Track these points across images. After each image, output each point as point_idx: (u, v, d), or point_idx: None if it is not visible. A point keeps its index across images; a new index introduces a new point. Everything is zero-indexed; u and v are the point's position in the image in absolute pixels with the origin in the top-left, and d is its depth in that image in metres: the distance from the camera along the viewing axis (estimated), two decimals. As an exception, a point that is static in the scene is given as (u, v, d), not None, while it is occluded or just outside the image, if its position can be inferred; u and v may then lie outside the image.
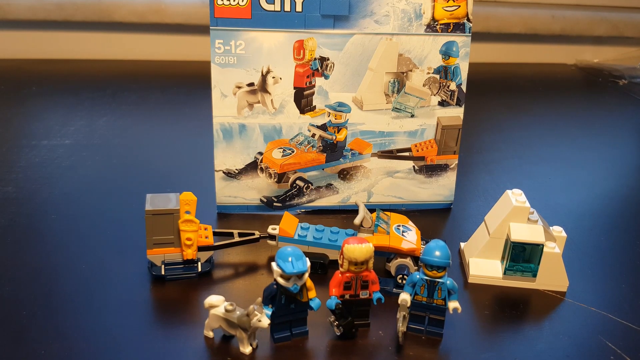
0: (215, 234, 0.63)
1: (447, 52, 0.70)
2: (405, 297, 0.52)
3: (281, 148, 0.71)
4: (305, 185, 0.73)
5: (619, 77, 1.42)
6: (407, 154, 0.74)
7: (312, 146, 0.72)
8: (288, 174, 0.72)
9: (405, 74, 0.70)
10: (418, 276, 0.52)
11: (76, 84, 1.19)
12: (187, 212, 0.58)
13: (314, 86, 0.69)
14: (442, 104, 0.72)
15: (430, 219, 0.74)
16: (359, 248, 0.50)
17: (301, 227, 0.64)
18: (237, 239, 0.64)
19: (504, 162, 0.93)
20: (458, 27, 0.69)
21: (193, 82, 1.22)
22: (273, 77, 0.68)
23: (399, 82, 0.71)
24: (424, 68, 0.70)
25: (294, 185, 0.73)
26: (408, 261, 0.60)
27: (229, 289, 0.60)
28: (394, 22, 0.68)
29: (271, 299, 0.51)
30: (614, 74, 1.44)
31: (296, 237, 0.63)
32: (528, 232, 0.60)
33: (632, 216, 0.79)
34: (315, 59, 0.68)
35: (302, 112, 0.70)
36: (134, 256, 0.63)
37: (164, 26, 1.34)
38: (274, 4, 0.65)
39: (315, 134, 0.71)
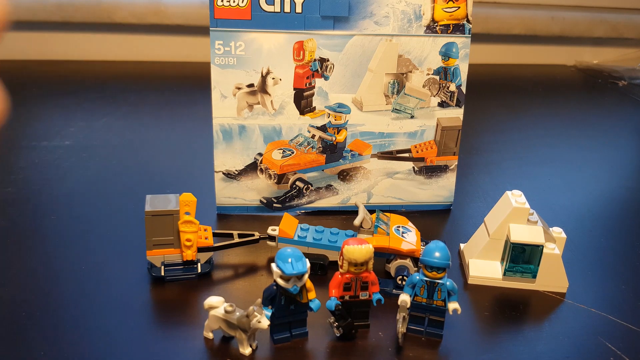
0: (215, 235, 0.63)
1: (446, 53, 0.70)
2: (405, 298, 0.52)
3: (281, 149, 0.71)
4: (305, 186, 0.73)
5: (619, 79, 1.42)
6: (406, 155, 0.74)
7: (312, 147, 0.72)
8: (288, 175, 0.72)
9: (405, 75, 0.71)
10: (418, 277, 0.52)
11: (76, 85, 1.19)
12: (187, 213, 0.58)
13: (313, 87, 0.69)
14: (441, 105, 0.72)
15: (430, 220, 0.74)
16: (358, 249, 0.50)
17: (301, 228, 0.64)
18: (236, 240, 0.64)
19: (503, 163, 0.93)
20: (458, 28, 0.69)
21: (193, 83, 1.23)
22: (273, 78, 0.68)
23: (398, 83, 0.71)
24: (423, 69, 0.70)
25: (294, 186, 0.73)
26: (408, 262, 0.60)
27: (228, 290, 0.60)
28: (394, 23, 0.68)
29: (271, 300, 0.51)
30: (614, 75, 1.44)
31: (296, 238, 0.63)
32: (528, 233, 0.60)
33: (632, 217, 0.79)
34: (315, 60, 0.68)
35: (302, 113, 0.70)
36: (134, 257, 0.63)
37: (163, 27, 1.34)
38: (273, 5, 0.65)
39: (315, 135, 0.71)
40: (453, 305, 0.52)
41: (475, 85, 0.89)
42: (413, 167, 0.75)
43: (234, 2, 0.65)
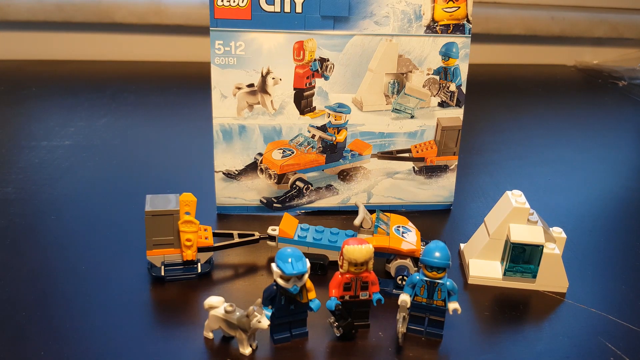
0: (215, 234, 0.63)
1: (446, 53, 0.70)
2: (405, 298, 0.52)
3: (281, 149, 0.71)
4: (305, 186, 0.73)
5: (619, 79, 1.42)
6: (406, 155, 0.74)
7: (312, 147, 0.72)
8: (288, 175, 0.72)
9: (405, 75, 0.71)
10: (418, 277, 0.52)
11: (76, 85, 1.19)
12: (187, 213, 0.58)
13: (313, 87, 0.69)
14: (441, 105, 0.72)
15: (430, 220, 0.74)
16: (358, 249, 0.50)
17: (301, 228, 0.64)
18: (236, 239, 0.64)
19: (503, 163, 0.93)
20: (458, 28, 0.69)
21: (193, 83, 1.23)
22: (273, 78, 0.68)
23: (398, 83, 0.71)
24: (423, 69, 0.70)
25: (294, 186, 0.73)
26: (408, 262, 0.60)
27: (228, 289, 0.60)
28: (394, 23, 0.68)
29: (271, 300, 0.51)
30: (614, 75, 1.44)
31: (296, 238, 0.63)
32: (528, 233, 0.60)
33: (632, 217, 0.79)
34: (315, 60, 0.68)
35: (302, 113, 0.70)
36: (134, 257, 0.63)
37: (163, 27, 1.34)
38: (273, 5, 0.65)
39: (315, 135, 0.71)
40: (453, 305, 0.52)
41: (475, 85, 0.89)
42: (413, 167, 0.75)
43: (234, 2, 0.65)
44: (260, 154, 0.71)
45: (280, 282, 0.49)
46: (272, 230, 0.64)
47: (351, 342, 0.53)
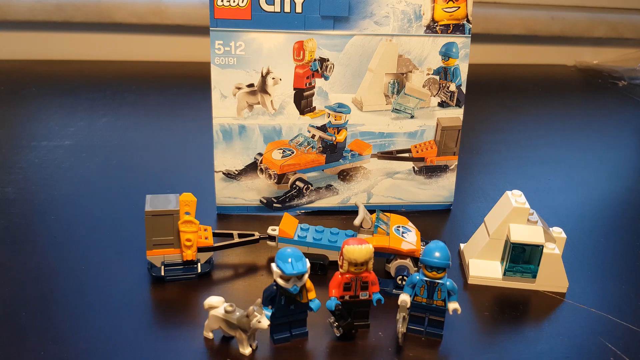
0: (215, 234, 0.63)
1: (446, 53, 0.70)
2: (405, 298, 0.52)
3: (281, 149, 0.71)
4: (305, 186, 0.73)
5: (619, 79, 1.42)
6: (406, 155, 0.74)
7: (312, 147, 0.72)
8: (288, 175, 0.72)
9: (405, 75, 0.71)
10: (418, 277, 0.52)
11: (76, 84, 1.19)
12: (187, 213, 0.58)
13: (313, 87, 0.69)
14: (441, 105, 0.72)
15: (430, 220, 0.74)
16: (358, 249, 0.50)
17: (301, 228, 0.64)
18: (236, 239, 0.64)
19: (503, 163, 0.93)
20: (458, 28, 0.69)
21: (193, 83, 1.23)
22: (273, 78, 0.68)
23: (398, 83, 0.71)
24: (423, 69, 0.70)
25: (294, 186, 0.73)
26: (408, 262, 0.60)
27: (228, 289, 0.60)
28: (394, 23, 0.68)
29: (271, 300, 0.51)
30: (614, 75, 1.44)
31: (296, 238, 0.63)
32: (528, 233, 0.60)
33: (632, 217, 0.79)
34: (315, 60, 0.68)
35: (302, 113, 0.70)
36: (134, 257, 0.63)
37: (163, 27, 1.34)
38: (273, 5, 0.65)
39: (315, 135, 0.71)
40: (453, 305, 0.52)
41: (475, 85, 0.89)
42: (413, 167, 0.75)
43: (234, 2, 0.65)
44: (260, 154, 0.71)
45: (280, 282, 0.49)
46: (272, 230, 0.64)
47: (351, 342, 0.53)
